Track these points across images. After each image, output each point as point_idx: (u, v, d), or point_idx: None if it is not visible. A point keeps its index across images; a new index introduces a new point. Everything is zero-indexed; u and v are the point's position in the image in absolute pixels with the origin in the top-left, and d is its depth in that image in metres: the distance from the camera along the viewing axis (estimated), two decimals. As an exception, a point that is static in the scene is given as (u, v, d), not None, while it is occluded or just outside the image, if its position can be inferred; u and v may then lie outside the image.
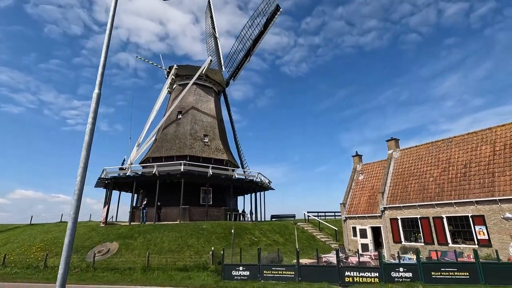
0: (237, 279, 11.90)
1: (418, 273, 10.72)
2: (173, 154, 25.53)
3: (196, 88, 29.83)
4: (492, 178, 14.90)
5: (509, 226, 13.59)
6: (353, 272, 11.17)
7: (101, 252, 17.01)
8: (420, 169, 18.94)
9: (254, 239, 19.20)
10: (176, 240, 17.49)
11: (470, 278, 10.39)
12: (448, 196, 16.12)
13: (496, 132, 16.41)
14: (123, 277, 13.33)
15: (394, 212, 18.51)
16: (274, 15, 25.57)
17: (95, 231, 19.93)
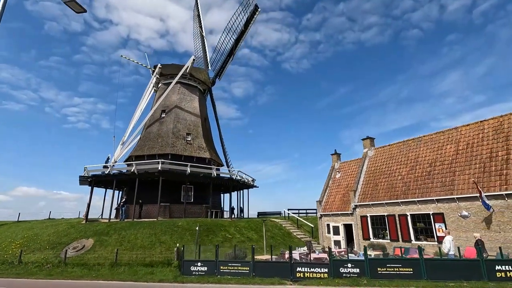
0: (195, 274, 12.36)
1: (365, 269, 11.12)
2: (155, 152, 25.96)
3: (181, 87, 30.16)
4: (452, 177, 15.24)
5: (465, 223, 13.96)
6: (304, 268, 11.59)
7: (75, 249, 17.50)
8: (390, 168, 19.29)
9: (228, 236, 19.65)
10: (149, 237, 17.95)
11: (414, 273, 10.78)
12: (413, 194, 16.49)
13: (461, 132, 16.72)
14: (90, 272, 13.82)
15: (364, 209, 18.90)
16: (253, 15, 25.81)
17: (74, 228, 20.43)
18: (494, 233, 12.95)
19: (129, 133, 28.29)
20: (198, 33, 36.89)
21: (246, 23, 26.28)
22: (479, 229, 13.44)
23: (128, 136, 28.22)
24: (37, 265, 15.38)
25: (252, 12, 25.61)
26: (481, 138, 15.45)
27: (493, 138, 14.87)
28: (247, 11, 25.86)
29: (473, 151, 15.33)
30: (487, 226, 13.20)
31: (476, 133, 15.89)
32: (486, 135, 15.32)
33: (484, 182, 13.77)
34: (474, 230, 13.63)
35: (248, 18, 25.94)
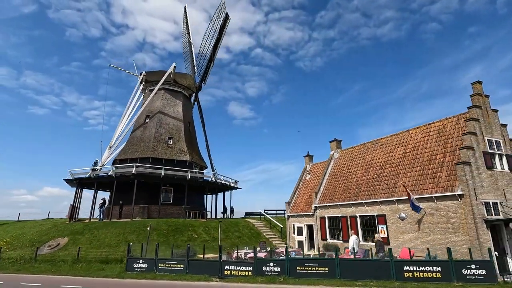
0: (137, 271, 13.45)
1: (285, 268, 11.81)
2: (136, 156, 27.41)
3: (164, 93, 31.52)
4: (396, 179, 15.58)
5: (402, 225, 14.30)
6: (231, 266, 12.42)
7: (50, 246, 19.09)
8: (349, 170, 19.70)
9: (194, 236, 20.69)
10: (117, 236, 19.28)
11: (329, 273, 11.37)
12: (362, 196, 16.90)
13: (411, 135, 16.96)
14: (53, 268, 15.20)
15: (323, 211, 19.42)
16: (225, 23, 26.79)
17: (56, 227, 22.12)
18: (425, 234, 13.26)
19: (116, 138, 29.93)
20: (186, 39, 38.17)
21: (220, 31, 27.30)
22: (413, 231, 13.77)
23: (115, 141, 29.87)
24: (11, 261, 16.97)
25: (224, 20, 26.61)
26: (426, 141, 15.67)
27: (435, 141, 15.09)
28: (220, 19, 26.90)
29: (417, 154, 15.58)
30: (419, 227, 13.52)
31: (423, 136, 16.11)
32: (430, 138, 15.54)
33: (420, 185, 14.07)
34: (409, 231, 13.97)
35: (221, 26, 26.95)
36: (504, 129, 14.23)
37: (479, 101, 14.12)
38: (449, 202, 12.48)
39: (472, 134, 13.08)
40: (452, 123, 14.87)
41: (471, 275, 10.18)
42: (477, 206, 11.83)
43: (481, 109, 13.94)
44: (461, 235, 11.91)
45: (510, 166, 13.52)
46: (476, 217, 11.63)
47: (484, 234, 11.60)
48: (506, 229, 12.23)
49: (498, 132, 13.99)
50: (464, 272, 10.24)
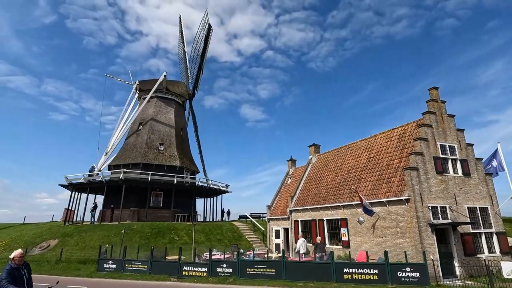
0: (106, 270, 14.48)
1: (236, 269, 12.50)
2: (128, 162, 28.77)
3: (157, 101, 32.87)
4: (358, 184, 15.97)
5: (360, 228, 14.70)
6: (189, 267, 13.24)
7: (41, 248, 20.51)
8: (322, 174, 20.16)
9: (175, 238, 21.65)
10: (102, 238, 20.48)
11: (275, 274, 12.00)
12: (329, 200, 17.36)
13: (377, 139, 17.31)
14: (37, 267, 16.42)
15: (297, 214, 19.94)
16: (208, 32, 27.89)
17: (50, 230, 23.64)
18: (379, 238, 13.62)
19: (111, 144, 31.45)
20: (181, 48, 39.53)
21: (205, 40, 28.40)
22: (369, 234, 14.15)
23: (111, 147, 31.40)
24: (3, 261, 18.40)
25: (207, 30, 27.71)
26: (388, 146, 16.00)
27: (395, 146, 15.40)
28: (204, 30, 28.00)
29: (379, 159, 15.93)
30: (373, 231, 13.89)
31: (386, 141, 16.44)
32: (392, 144, 15.86)
33: (377, 189, 14.44)
34: (366, 235, 14.35)
35: (205, 36, 28.04)
36: (460, 134, 14.40)
37: (434, 107, 14.37)
38: (398, 207, 12.83)
39: (423, 140, 13.37)
40: (411, 128, 15.15)
41: (406, 277, 10.57)
42: (422, 210, 12.14)
43: (435, 114, 14.19)
44: (408, 239, 12.25)
45: (464, 171, 13.69)
46: (420, 221, 11.95)
47: (428, 238, 11.89)
48: (454, 233, 12.44)
49: (453, 137, 14.18)
50: (399, 275, 10.64)
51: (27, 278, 5.07)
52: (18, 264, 4.98)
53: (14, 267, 4.92)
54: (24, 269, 5.10)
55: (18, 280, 4.88)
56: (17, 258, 4.99)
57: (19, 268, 4.99)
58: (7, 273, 4.78)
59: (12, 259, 4.97)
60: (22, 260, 5.06)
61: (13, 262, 4.94)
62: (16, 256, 5.00)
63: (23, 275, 5.00)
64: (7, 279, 4.71)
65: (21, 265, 5.04)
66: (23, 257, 5.13)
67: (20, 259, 5.01)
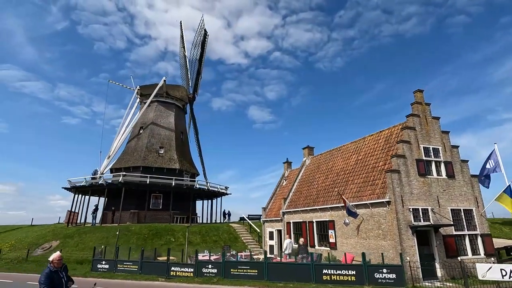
0: (100, 270, 15.08)
1: (221, 270, 12.88)
2: (129, 165, 29.54)
3: (157, 105, 33.64)
4: (345, 186, 16.16)
5: (346, 230, 14.88)
6: (177, 268, 13.69)
7: (43, 248, 21.34)
8: (314, 176, 20.38)
9: (172, 240, 22.18)
10: (101, 240, 21.16)
11: (258, 274, 12.33)
12: (318, 202, 17.59)
13: (365, 142, 17.46)
14: (36, 267, 17.19)
15: (290, 216, 20.19)
16: (205, 38, 28.54)
17: (53, 231, 24.52)
18: (363, 239, 13.79)
19: (114, 148, 32.34)
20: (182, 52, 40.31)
21: (202, 46, 29.04)
22: (354, 236, 14.32)
23: (113, 151, 32.29)
24: (7, 261, 19.29)
25: (203, 36, 28.36)
26: (375, 149, 16.14)
27: (382, 148, 15.54)
28: (201, 35, 28.67)
29: (366, 161, 16.08)
30: (358, 233, 14.06)
31: (374, 143, 16.58)
32: (379, 146, 15.99)
33: (362, 192, 14.61)
34: (351, 237, 14.53)
35: (202, 41, 28.67)
36: (445, 136, 14.44)
37: (418, 109, 14.48)
38: (380, 209, 12.99)
39: (405, 142, 13.50)
40: (398, 130, 15.26)
41: (382, 278, 10.75)
42: (403, 212, 12.28)
43: (419, 117, 14.29)
44: (389, 240, 12.39)
45: (448, 173, 13.74)
46: (400, 223, 12.09)
47: (408, 240, 12.02)
48: (435, 235, 12.52)
49: (438, 139, 14.24)
50: (376, 276, 10.84)
51: (65, 281, 4.89)
52: (57, 267, 4.78)
53: (53, 270, 4.72)
54: (63, 271, 4.92)
55: (57, 283, 4.69)
56: (56, 261, 4.79)
57: (58, 271, 4.78)
58: (46, 277, 4.59)
59: (51, 262, 4.79)
60: (60, 263, 4.87)
61: (52, 265, 4.76)
62: (55, 259, 4.81)
63: (61, 278, 4.81)
64: (45, 283, 4.53)
65: (60, 268, 4.86)
66: (62, 259, 4.93)
67: (58, 262, 4.82)
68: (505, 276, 9.81)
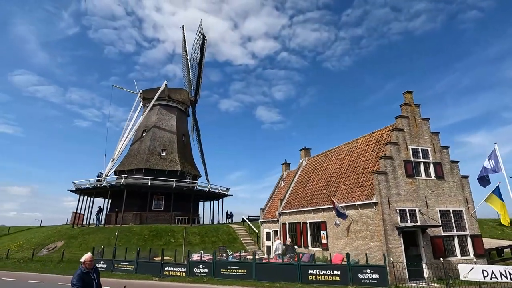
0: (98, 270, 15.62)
1: (212, 269, 13.25)
2: (132, 167, 30.28)
3: (160, 108, 34.35)
4: (337, 187, 16.33)
5: (337, 231, 15.06)
6: (170, 267, 14.13)
7: (49, 249, 22.16)
8: (309, 178, 20.58)
9: (171, 240, 22.70)
10: (103, 240, 21.84)
11: (246, 274, 12.66)
12: (312, 203, 17.79)
13: (358, 143, 17.59)
14: (40, 267, 17.94)
15: (285, 217, 20.43)
16: (203, 42, 29.08)
17: (59, 232, 25.40)
18: (352, 240, 13.95)
19: (118, 151, 33.18)
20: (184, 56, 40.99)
21: (201, 50, 29.60)
22: (344, 237, 14.49)
23: (117, 154, 33.13)
24: (14, 260, 20.14)
25: (202, 40, 28.92)
26: (366, 150, 16.26)
27: (372, 150, 15.66)
28: (200, 39, 29.26)
29: (357, 162, 16.22)
30: (348, 234, 14.22)
31: (365, 144, 16.69)
32: (369, 147, 16.11)
33: (352, 193, 14.77)
34: (341, 237, 14.69)
35: (201, 45, 29.23)
36: (435, 137, 14.46)
37: (408, 111, 14.55)
38: (368, 210, 13.13)
39: (393, 144, 13.61)
40: (388, 132, 15.34)
41: (366, 279, 10.93)
42: (389, 213, 12.40)
43: (408, 118, 14.36)
44: (376, 241, 12.53)
45: (437, 174, 13.77)
46: (387, 224, 12.21)
47: (395, 241, 12.13)
48: (423, 236, 12.59)
49: (427, 140, 14.28)
50: (360, 276, 11.02)
51: (96, 283, 4.83)
52: (88, 269, 4.75)
53: (85, 271, 4.70)
54: (94, 273, 4.87)
55: (88, 285, 4.68)
56: (87, 262, 4.76)
57: (89, 272, 4.76)
58: (78, 278, 4.59)
59: (83, 263, 4.75)
60: (92, 264, 4.83)
61: (84, 266, 4.73)
62: (86, 260, 4.77)
63: (92, 280, 4.76)
64: (77, 284, 4.54)
65: (91, 270, 4.82)
66: (93, 261, 4.88)
67: (90, 263, 4.78)
68: (487, 277, 9.86)
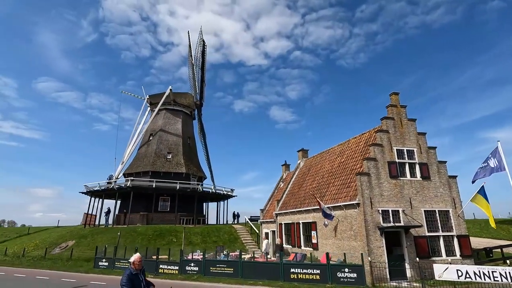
0: (100, 267, 16.72)
1: (202, 268, 13.93)
2: (139, 170, 31.58)
3: (166, 113, 35.58)
4: (327, 188, 16.64)
5: (326, 231, 15.38)
6: (164, 265, 14.93)
7: (61, 248, 23.62)
8: (305, 179, 20.92)
9: (173, 240, 23.62)
10: (109, 240, 23.04)
11: (234, 272, 13.24)
12: (304, 204, 18.14)
13: (349, 144, 17.80)
14: (51, 264, 19.25)
15: (281, 217, 20.88)
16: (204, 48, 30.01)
17: (71, 232, 26.93)
18: (338, 240, 14.24)
19: (127, 155, 34.65)
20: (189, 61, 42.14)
21: (202, 55, 30.55)
22: (332, 237, 14.79)
23: (126, 157, 34.61)
24: (29, 258, 21.65)
25: (202, 46, 29.85)
26: (355, 151, 16.47)
27: (361, 151, 15.86)
28: (201, 45, 30.21)
29: (347, 164, 16.46)
30: (335, 234, 14.51)
31: (355, 146, 16.89)
32: (359, 148, 16.31)
33: (339, 194, 15.05)
34: (329, 237, 15.00)
35: (202, 51, 30.16)
36: (421, 137, 14.50)
37: (393, 112, 14.67)
38: (352, 211, 13.40)
39: (377, 145, 13.79)
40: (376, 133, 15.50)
41: (344, 278, 11.27)
42: (371, 214, 12.63)
43: (393, 120, 14.49)
44: (359, 241, 12.79)
45: (423, 174, 13.84)
46: (368, 225, 12.46)
47: (376, 241, 12.35)
48: (406, 236, 12.72)
49: (413, 141, 14.35)
50: (339, 275, 11.37)
51: (144, 285, 4.77)
52: (137, 270, 4.67)
53: (134, 273, 4.62)
54: (142, 275, 4.78)
55: (137, 286, 4.61)
56: (137, 262, 4.67)
57: (137, 274, 4.67)
58: (127, 279, 4.53)
59: (132, 263, 4.67)
60: (141, 265, 4.74)
61: (133, 267, 4.65)
62: (135, 260, 4.68)
63: (141, 282, 4.69)
64: (127, 285, 4.50)
65: (139, 271, 4.72)
66: (142, 261, 4.79)
67: (139, 263, 4.70)
68: (461, 276, 9.97)
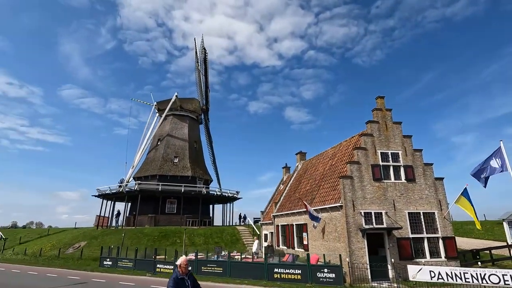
0: (105, 266, 17.90)
1: (194, 267, 14.73)
2: (148, 174, 33.01)
3: (173, 118, 36.93)
4: (317, 191, 17.06)
5: (315, 233, 15.82)
6: (161, 265, 15.86)
7: (74, 247, 25.22)
8: (301, 181, 21.38)
9: (177, 241, 24.65)
10: (117, 241, 24.36)
11: (223, 272, 13.96)
12: (297, 206, 18.60)
13: (340, 148, 18.14)
14: (63, 263, 20.73)
15: (278, 219, 21.42)
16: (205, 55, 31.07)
17: (84, 233, 28.60)
18: (325, 241, 14.65)
19: (137, 159, 36.27)
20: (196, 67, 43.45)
21: (204, 62, 31.60)
22: (320, 238, 15.21)
23: (136, 161, 36.22)
24: (45, 257, 23.33)
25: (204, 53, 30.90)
26: (345, 154, 16.81)
27: (350, 154, 16.18)
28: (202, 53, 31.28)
29: (337, 166, 16.82)
30: (323, 236, 14.93)
31: (345, 148, 17.22)
32: (348, 151, 16.64)
33: (326, 196, 15.46)
34: (318, 239, 15.43)
35: (203, 58, 31.22)
36: (407, 140, 14.67)
37: (378, 115, 14.94)
38: (336, 213, 13.80)
39: (361, 149, 14.12)
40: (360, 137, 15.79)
41: (323, 277, 11.73)
42: (353, 216, 12.99)
43: (378, 123, 14.75)
44: (342, 243, 13.17)
45: (407, 177, 14.02)
46: (350, 227, 12.83)
47: (358, 242, 12.70)
48: (389, 237, 12.97)
49: (398, 144, 14.55)
50: (318, 275, 11.84)
51: None
52: (183, 274, 4.45)
53: (180, 277, 4.42)
54: (188, 280, 4.50)
55: None
56: (183, 265, 4.45)
57: (184, 278, 4.44)
58: (173, 282, 4.36)
59: (179, 266, 4.47)
60: (187, 269, 4.49)
61: (180, 270, 4.46)
62: (182, 263, 4.46)
63: (187, 287, 4.44)
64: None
65: (186, 275, 4.47)
66: (188, 264, 4.56)
67: (185, 267, 4.47)
68: (434, 277, 10.21)
